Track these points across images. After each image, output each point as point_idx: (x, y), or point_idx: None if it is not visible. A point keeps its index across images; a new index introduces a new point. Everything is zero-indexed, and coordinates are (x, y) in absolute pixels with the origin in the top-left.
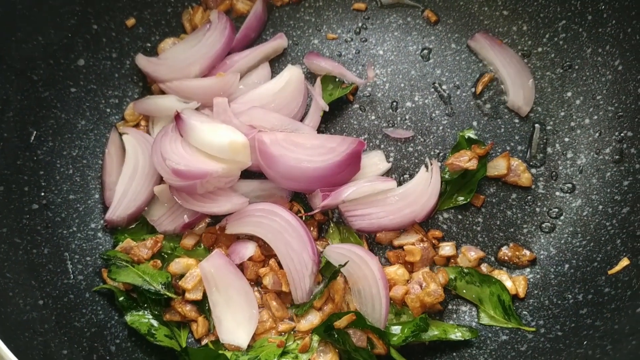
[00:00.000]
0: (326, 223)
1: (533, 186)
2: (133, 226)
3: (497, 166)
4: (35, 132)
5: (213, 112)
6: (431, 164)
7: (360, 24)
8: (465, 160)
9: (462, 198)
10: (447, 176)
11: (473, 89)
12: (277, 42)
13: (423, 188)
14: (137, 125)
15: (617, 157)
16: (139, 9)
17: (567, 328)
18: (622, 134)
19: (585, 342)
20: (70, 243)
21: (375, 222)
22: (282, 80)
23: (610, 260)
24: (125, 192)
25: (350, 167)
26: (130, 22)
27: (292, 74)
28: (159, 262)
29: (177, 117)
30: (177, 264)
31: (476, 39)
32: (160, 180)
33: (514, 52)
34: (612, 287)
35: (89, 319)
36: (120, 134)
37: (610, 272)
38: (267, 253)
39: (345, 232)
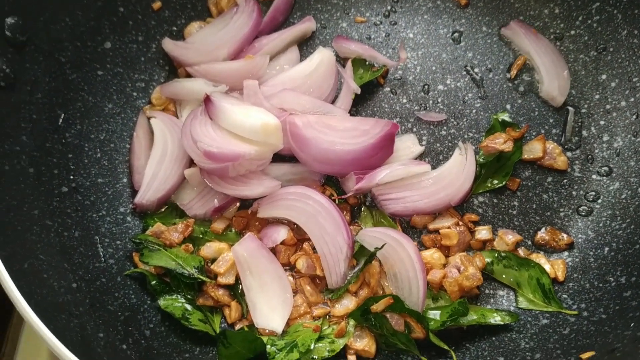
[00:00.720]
0: (359, 207)
1: (569, 169)
2: (162, 210)
3: (533, 149)
4: (63, 115)
5: (243, 95)
6: (465, 147)
7: (389, 7)
8: (501, 142)
9: (497, 181)
10: (481, 159)
11: (506, 72)
12: (306, 25)
13: (458, 171)
14: (165, 109)
15: None
16: None
17: (612, 311)
18: None
19: (632, 324)
20: (100, 227)
21: (410, 206)
22: (313, 63)
23: None
24: (154, 175)
25: (383, 150)
26: (157, 5)
27: (323, 56)
28: (190, 246)
29: (207, 100)
30: (209, 248)
31: (511, 27)
32: (190, 164)
33: (549, 42)
34: None
35: (121, 303)
36: (148, 118)
37: None
38: (299, 237)
39: (378, 216)
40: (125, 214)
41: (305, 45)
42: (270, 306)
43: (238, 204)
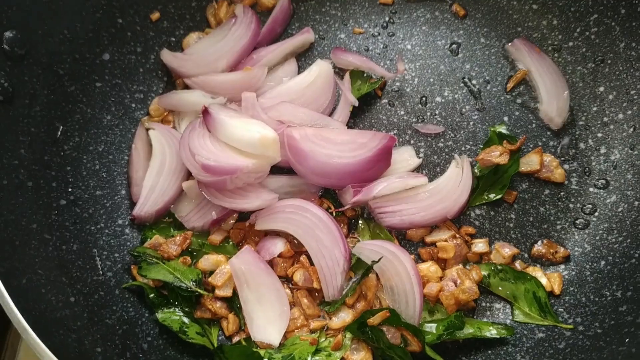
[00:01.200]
0: (355, 219)
1: (566, 182)
2: (160, 222)
3: (530, 162)
4: (61, 127)
5: (241, 106)
6: (461, 160)
7: (387, 18)
8: (497, 155)
9: (494, 194)
10: (478, 172)
11: (504, 84)
12: (305, 37)
13: (454, 184)
14: (163, 121)
15: None
16: (163, 3)
17: (607, 325)
18: None
19: (627, 340)
20: (99, 239)
21: (407, 219)
22: (312, 75)
23: None
24: (152, 187)
25: (381, 163)
26: (155, 16)
27: (321, 68)
28: (188, 258)
29: (205, 112)
30: (206, 261)
31: (514, 44)
32: (188, 176)
33: (552, 61)
34: None
35: (120, 316)
36: (147, 129)
37: None
38: (296, 249)
39: (375, 229)
40: (124, 226)
41: (303, 56)
42: (268, 319)
43: (236, 216)
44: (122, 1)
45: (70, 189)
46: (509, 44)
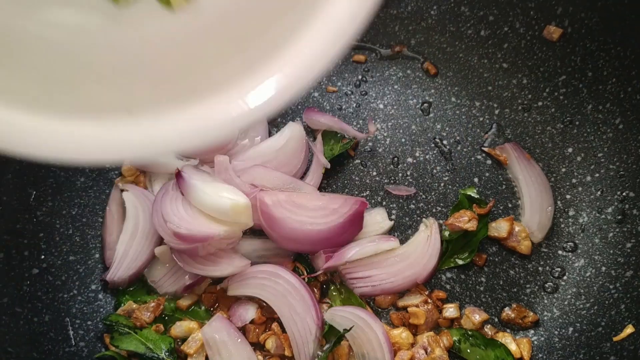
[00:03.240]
0: (328, 284)
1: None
2: (135, 286)
3: (499, 228)
4: (34, 193)
5: (214, 169)
6: (429, 224)
7: (360, 77)
8: (465, 221)
9: (463, 258)
10: (447, 235)
11: (474, 145)
12: None
13: (423, 249)
14: (135, 181)
15: (619, 217)
16: None
17: None
18: (623, 194)
19: None
20: (71, 307)
21: (378, 286)
22: (283, 138)
23: (615, 326)
24: (125, 252)
25: (353, 228)
26: None
27: (293, 131)
28: (161, 326)
29: (178, 175)
30: (179, 327)
31: (505, 149)
32: (161, 240)
33: (542, 171)
34: (618, 356)
35: None
36: (121, 191)
37: (615, 339)
38: (268, 315)
39: (346, 293)
40: (97, 291)
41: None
42: None
43: (208, 280)
44: None
45: (42, 256)
46: (498, 146)
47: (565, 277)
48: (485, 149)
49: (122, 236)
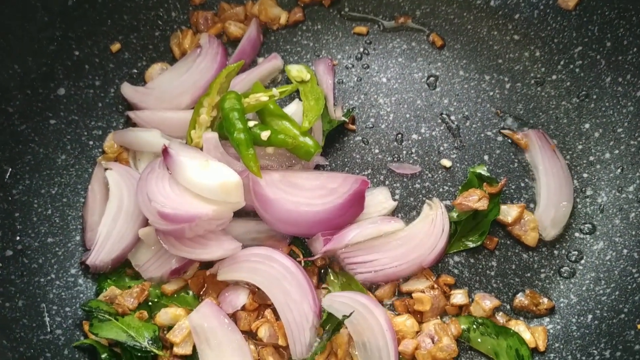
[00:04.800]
0: (326, 268)
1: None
2: (119, 271)
3: (508, 212)
4: (10, 170)
5: (203, 147)
6: (434, 203)
7: (361, 49)
8: (475, 200)
9: (473, 240)
10: (456, 217)
11: (484, 121)
12: (273, 64)
13: (428, 230)
14: (118, 158)
15: None
16: (125, 33)
17: None
18: None
19: None
20: (48, 292)
21: (380, 272)
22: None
23: None
24: (108, 234)
25: (353, 209)
26: (115, 47)
27: (296, 108)
28: (145, 313)
29: (165, 152)
30: (165, 315)
31: (528, 136)
32: (147, 221)
33: (566, 165)
34: None
35: None
36: (105, 169)
37: None
38: (261, 301)
39: (345, 279)
40: (77, 276)
41: (271, 86)
42: None
43: (197, 265)
44: (79, 32)
45: (18, 238)
46: (522, 132)
47: (583, 261)
48: (505, 132)
49: (104, 217)
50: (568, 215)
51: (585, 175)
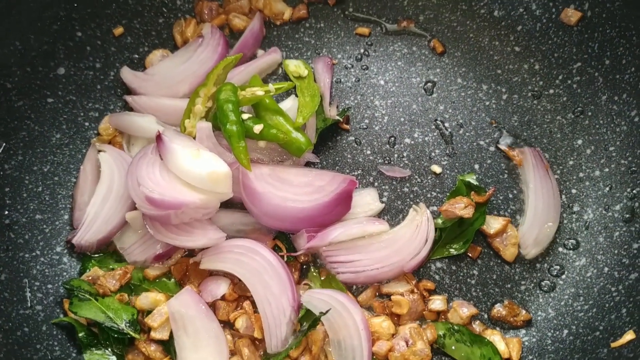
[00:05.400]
0: (308, 265)
1: (515, 264)
2: (104, 252)
3: (492, 224)
4: (4, 145)
5: (197, 136)
6: (420, 209)
7: (362, 50)
8: (461, 207)
9: (456, 248)
10: (441, 223)
11: (477, 130)
12: (272, 57)
13: (412, 235)
14: (112, 141)
15: (627, 215)
16: (129, 18)
17: None
18: (634, 191)
19: None
20: (32, 268)
21: (362, 273)
22: None
23: (614, 331)
24: (96, 214)
25: (339, 208)
26: (118, 30)
27: (292, 104)
28: (126, 296)
29: (158, 139)
30: (145, 299)
31: (523, 151)
32: (135, 205)
33: (557, 186)
34: None
35: (42, 356)
36: (99, 151)
37: (613, 344)
38: (240, 293)
39: (327, 276)
40: (62, 254)
41: (270, 79)
42: None
43: (182, 252)
44: (83, 13)
45: (6, 212)
46: (517, 147)
47: (564, 276)
48: (501, 147)
49: (94, 198)
50: (551, 237)
51: (573, 191)
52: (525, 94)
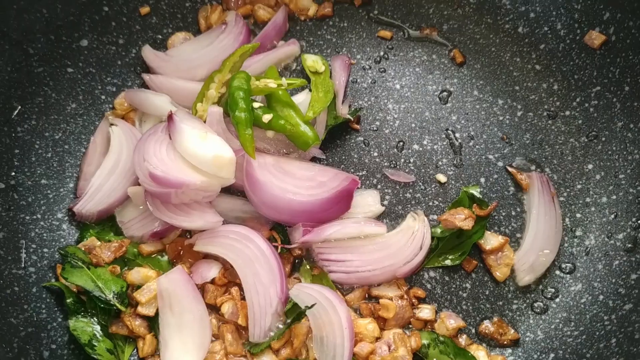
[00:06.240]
0: (301, 259)
1: (504, 284)
2: (103, 224)
3: (489, 240)
4: (19, 108)
5: (207, 120)
6: (418, 216)
7: (382, 53)
8: (461, 218)
9: (452, 258)
10: (439, 232)
11: (488, 143)
12: (291, 48)
13: (407, 241)
14: (126, 117)
15: (629, 245)
16: None
17: None
18: (639, 221)
19: None
20: (31, 231)
21: (353, 274)
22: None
23: None
24: (100, 186)
25: (339, 205)
26: (145, 10)
27: (304, 98)
28: (118, 268)
29: (170, 118)
30: (137, 273)
31: (530, 177)
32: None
33: (560, 215)
34: None
35: (28, 317)
36: (110, 125)
37: None
38: (230, 279)
39: (317, 273)
40: (62, 220)
41: (284, 73)
42: (184, 349)
43: (178, 232)
44: None
45: (13, 173)
46: (526, 172)
47: (557, 300)
48: (510, 169)
49: (100, 169)
50: (547, 265)
51: (578, 215)
52: (540, 113)
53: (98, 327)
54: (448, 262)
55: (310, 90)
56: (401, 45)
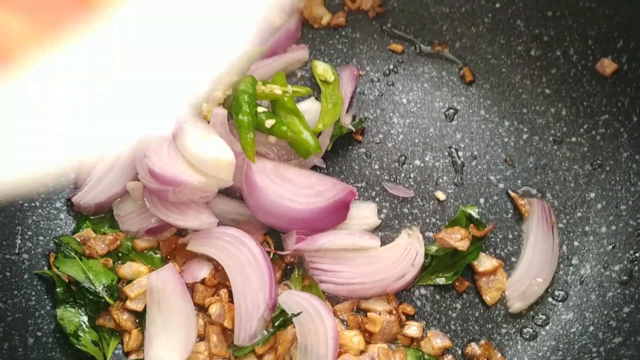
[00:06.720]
0: (293, 266)
1: (493, 307)
2: (101, 216)
3: (483, 262)
4: None
5: (210, 121)
6: (413, 232)
7: (391, 66)
8: (457, 238)
9: (444, 279)
10: (434, 250)
11: (490, 164)
12: (300, 54)
13: (399, 257)
14: None
15: (624, 277)
16: None
17: None
18: (636, 254)
19: None
20: (28, 217)
21: (343, 286)
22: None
23: None
24: (100, 179)
25: (334, 215)
26: None
27: (310, 106)
28: (110, 261)
29: None
30: (129, 268)
31: (531, 202)
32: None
33: (557, 244)
34: None
35: (16, 303)
36: None
37: None
38: (221, 280)
39: (308, 282)
40: (60, 210)
41: (289, 80)
42: (168, 347)
43: (174, 230)
44: None
45: None
46: (526, 196)
47: (547, 327)
48: (511, 194)
49: (102, 162)
50: (539, 295)
51: (576, 243)
52: (546, 138)
53: (85, 318)
54: (440, 281)
55: (316, 98)
56: (411, 59)
